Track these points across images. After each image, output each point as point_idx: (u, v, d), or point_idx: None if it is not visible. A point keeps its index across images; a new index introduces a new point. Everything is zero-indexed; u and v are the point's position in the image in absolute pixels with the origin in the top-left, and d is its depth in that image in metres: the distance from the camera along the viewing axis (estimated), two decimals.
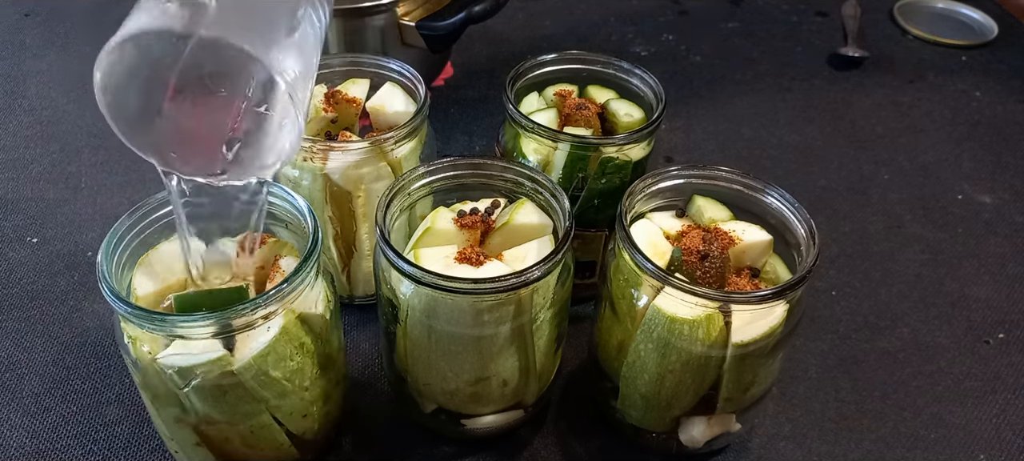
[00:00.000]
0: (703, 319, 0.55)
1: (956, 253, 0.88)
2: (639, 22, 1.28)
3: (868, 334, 0.78)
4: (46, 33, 1.16)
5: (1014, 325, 0.79)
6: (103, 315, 0.75)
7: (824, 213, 0.92)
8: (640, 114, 0.74)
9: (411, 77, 0.72)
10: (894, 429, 0.69)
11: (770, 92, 1.13)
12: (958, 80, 1.17)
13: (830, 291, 0.82)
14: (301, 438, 0.60)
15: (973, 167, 1.01)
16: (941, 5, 1.35)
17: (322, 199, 0.67)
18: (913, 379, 0.74)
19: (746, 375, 0.58)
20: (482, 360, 0.58)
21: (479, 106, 1.06)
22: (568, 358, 0.72)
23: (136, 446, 0.65)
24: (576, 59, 0.77)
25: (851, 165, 1.00)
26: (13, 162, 0.93)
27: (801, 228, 0.60)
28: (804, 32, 1.28)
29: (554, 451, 0.67)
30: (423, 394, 0.63)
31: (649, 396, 0.60)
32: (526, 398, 0.64)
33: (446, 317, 0.56)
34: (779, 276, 0.61)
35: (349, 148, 0.65)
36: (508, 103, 0.70)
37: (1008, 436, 0.69)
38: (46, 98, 1.04)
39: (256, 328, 0.52)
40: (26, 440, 0.65)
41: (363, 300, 0.77)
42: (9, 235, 0.84)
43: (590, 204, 0.70)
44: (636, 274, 0.57)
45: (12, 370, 0.70)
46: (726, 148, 1.02)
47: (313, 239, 0.55)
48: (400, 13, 0.95)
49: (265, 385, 0.54)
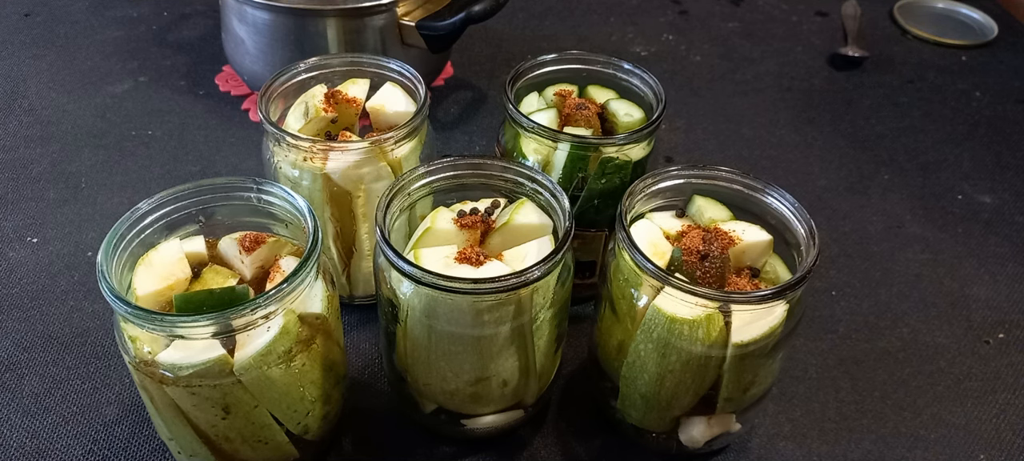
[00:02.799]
0: (703, 319, 0.55)
1: (956, 253, 0.88)
2: (639, 22, 1.28)
3: (868, 334, 0.78)
4: (46, 33, 1.16)
5: (1014, 325, 0.79)
6: (103, 315, 0.75)
7: (824, 213, 0.92)
8: (640, 114, 0.74)
9: (411, 77, 0.72)
10: (894, 429, 0.69)
11: (770, 92, 1.13)
12: (958, 80, 1.17)
13: (830, 291, 0.82)
14: (301, 438, 0.60)
15: (973, 167, 1.01)
16: (941, 5, 1.35)
17: (322, 199, 0.67)
18: (913, 379, 0.74)
19: (746, 375, 0.58)
20: (482, 360, 0.58)
21: (479, 106, 1.06)
22: (568, 358, 0.72)
23: (136, 446, 0.65)
24: (576, 59, 0.77)
25: (851, 165, 1.00)
26: (13, 162, 0.93)
27: (801, 228, 0.60)
28: (804, 32, 1.28)
29: (554, 451, 0.67)
30: (423, 394, 0.63)
31: (649, 396, 0.60)
32: (526, 398, 0.64)
33: (446, 317, 0.56)
34: (779, 276, 0.61)
35: (349, 148, 0.65)
36: (508, 103, 0.70)
37: (1008, 436, 0.69)
38: (46, 98, 1.04)
39: (256, 328, 0.52)
40: (26, 440, 0.65)
41: (363, 300, 0.77)
42: (9, 235, 0.84)
43: (590, 204, 0.70)
44: (636, 274, 0.57)
45: (12, 370, 0.70)
46: (726, 148, 1.02)
47: (313, 239, 0.55)
48: (400, 13, 0.95)
49: (265, 385, 0.54)
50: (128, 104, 1.03)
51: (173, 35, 1.18)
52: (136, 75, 1.09)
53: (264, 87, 0.69)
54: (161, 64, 1.11)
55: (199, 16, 1.23)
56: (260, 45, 0.96)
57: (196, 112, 1.03)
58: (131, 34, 1.16)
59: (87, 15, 1.20)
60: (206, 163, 0.95)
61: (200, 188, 0.60)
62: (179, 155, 0.95)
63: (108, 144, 0.96)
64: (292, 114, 0.71)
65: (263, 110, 0.67)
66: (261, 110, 0.67)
